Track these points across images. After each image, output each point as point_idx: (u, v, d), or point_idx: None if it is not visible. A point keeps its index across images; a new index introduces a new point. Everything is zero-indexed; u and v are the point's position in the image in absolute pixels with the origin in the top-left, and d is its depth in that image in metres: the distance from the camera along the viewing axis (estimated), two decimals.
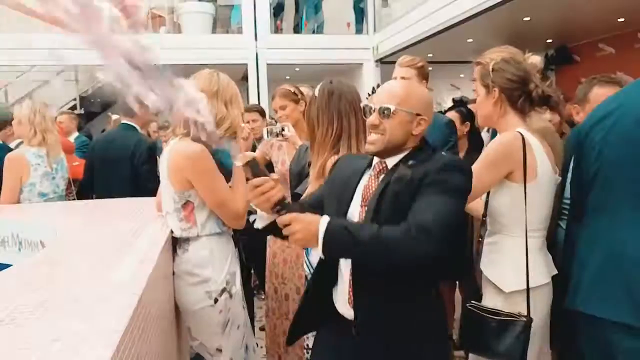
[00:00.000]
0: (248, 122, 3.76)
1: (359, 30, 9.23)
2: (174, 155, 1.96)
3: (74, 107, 9.11)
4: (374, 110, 1.49)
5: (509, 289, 1.74)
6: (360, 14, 9.29)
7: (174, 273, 2.01)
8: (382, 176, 1.51)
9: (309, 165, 2.09)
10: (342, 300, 1.52)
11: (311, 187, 1.99)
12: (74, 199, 3.85)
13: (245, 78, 8.68)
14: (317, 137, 1.97)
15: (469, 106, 3.62)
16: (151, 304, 1.39)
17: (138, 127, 3.66)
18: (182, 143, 1.96)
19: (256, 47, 8.54)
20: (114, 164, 3.51)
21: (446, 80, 10.07)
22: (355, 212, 1.51)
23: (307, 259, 1.97)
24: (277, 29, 9.49)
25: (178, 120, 1.99)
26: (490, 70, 1.82)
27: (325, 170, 1.89)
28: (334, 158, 1.88)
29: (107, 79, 1.04)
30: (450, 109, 3.79)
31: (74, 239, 1.92)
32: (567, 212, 1.99)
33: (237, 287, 2.06)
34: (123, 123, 3.69)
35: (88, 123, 8.72)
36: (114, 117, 3.65)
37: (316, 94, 1.99)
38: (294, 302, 2.55)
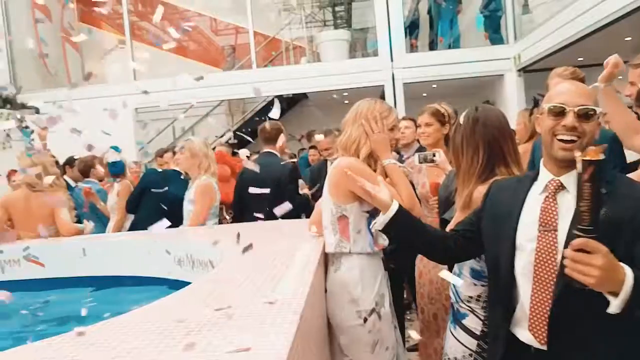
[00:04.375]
0: (403, 132, 3.87)
1: (497, 40, 8.86)
2: (334, 171, 2.17)
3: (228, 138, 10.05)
4: (567, 112, 1.41)
5: None
6: (497, 23, 8.92)
7: (326, 290, 2.13)
8: (562, 196, 1.44)
9: (456, 191, 2.07)
10: (522, 325, 1.49)
11: (457, 216, 1.97)
12: (231, 222, 4.26)
13: (382, 99, 8.83)
14: (462, 166, 1.93)
15: None
16: (309, 321, 1.50)
17: (278, 154, 3.95)
18: (341, 159, 2.18)
19: (392, 68, 8.64)
20: (264, 187, 3.81)
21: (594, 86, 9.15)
22: (530, 235, 1.46)
23: (454, 287, 1.94)
24: (412, 48, 9.51)
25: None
26: None
27: (472, 201, 1.85)
28: (481, 188, 1.83)
29: None
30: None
31: (239, 259, 2.13)
32: None
33: (386, 309, 2.11)
34: (265, 151, 4.01)
35: (242, 149, 9.56)
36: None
37: (461, 121, 1.97)
38: (443, 321, 2.52)
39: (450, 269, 2.04)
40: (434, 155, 2.66)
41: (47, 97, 9.11)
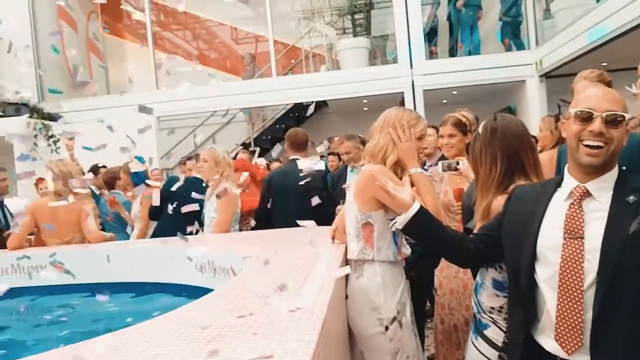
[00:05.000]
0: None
1: (518, 46, 8.77)
2: (360, 177, 2.18)
3: (248, 145, 10.13)
4: (595, 117, 1.40)
5: None
6: (517, 29, 8.83)
7: (347, 297, 2.13)
8: (587, 203, 1.42)
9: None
10: (547, 334, 1.47)
11: (477, 228, 1.94)
12: (251, 229, 4.28)
13: (402, 105, 8.81)
14: (480, 176, 1.91)
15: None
16: (331, 328, 1.50)
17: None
18: (368, 166, 2.19)
19: (412, 75, 8.62)
20: (293, 194, 3.81)
21: (626, 89, 8.99)
22: (554, 243, 1.44)
23: (476, 297, 1.91)
24: (432, 54, 9.48)
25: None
26: None
27: (490, 212, 1.83)
28: (500, 198, 1.79)
29: None
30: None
31: (259, 266, 2.15)
32: None
33: (408, 318, 2.10)
34: (293, 158, 4.06)
35: (260, 158, 9.64)
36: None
37: (480, 130, 1.95)
38: (463, 333, 2.49)
39: (474, 278, 2.02)
40: (457, 164, 2.65)
41: (73, 106, 9.33)
